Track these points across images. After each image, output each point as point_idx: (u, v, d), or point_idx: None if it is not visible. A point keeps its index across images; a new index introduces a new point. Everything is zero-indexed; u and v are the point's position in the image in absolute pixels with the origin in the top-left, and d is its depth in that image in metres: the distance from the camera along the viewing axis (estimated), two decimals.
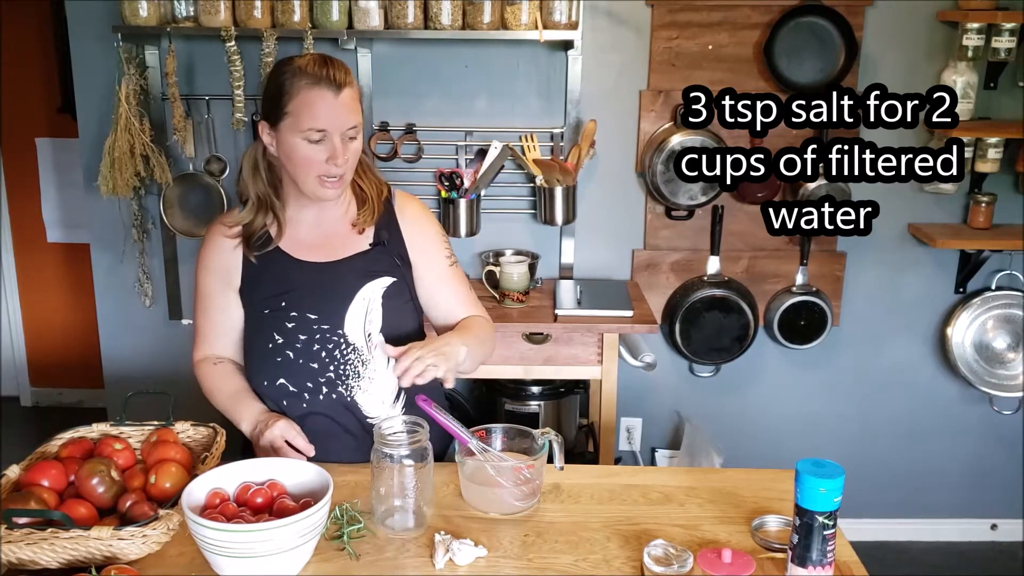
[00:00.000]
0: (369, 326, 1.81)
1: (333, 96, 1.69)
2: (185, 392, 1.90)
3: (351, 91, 1.73)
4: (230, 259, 1.84)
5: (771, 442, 3.26)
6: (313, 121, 1.69)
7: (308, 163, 1.72)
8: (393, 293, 1.84)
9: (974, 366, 3.11)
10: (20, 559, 1.39)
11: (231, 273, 1.84)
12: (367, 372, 1.81)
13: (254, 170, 1.83)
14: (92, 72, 2.93)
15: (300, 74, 1.70)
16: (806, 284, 3.07)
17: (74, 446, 1.67)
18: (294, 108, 1.70)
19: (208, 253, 1.86)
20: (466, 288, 1.96)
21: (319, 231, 1.85)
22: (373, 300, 1.82)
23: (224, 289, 1.85)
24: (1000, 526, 3.36)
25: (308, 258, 1.83)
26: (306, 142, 1.71)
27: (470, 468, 1.64)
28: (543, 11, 2.70)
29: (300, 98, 1.69)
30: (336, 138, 1.71)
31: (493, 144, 2.91)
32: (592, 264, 3.12)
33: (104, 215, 3.05)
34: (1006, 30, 2.77)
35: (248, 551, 1.35)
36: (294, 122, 1.70)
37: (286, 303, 1.80)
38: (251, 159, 1.83)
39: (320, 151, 1.71)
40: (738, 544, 1.51)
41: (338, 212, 1.86)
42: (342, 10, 2.69)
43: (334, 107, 1.70)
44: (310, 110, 1.69)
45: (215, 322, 1.87)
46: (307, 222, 1.85)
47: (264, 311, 1.81)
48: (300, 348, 1.79)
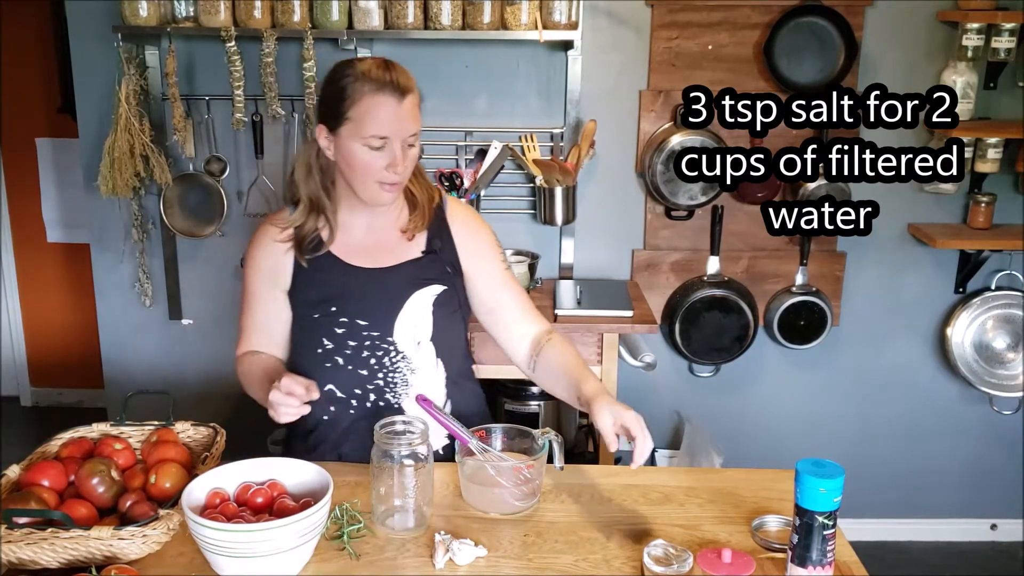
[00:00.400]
0: (419, 334, 1.79)
1: (396, 103, 1.66)
2: (185, 392, 1.90)
3: (413, 97, 1.69)
4: (280, 261, 1.81)
5: (771, 442, 3.26)
6: (376, 128, 1.66)
7: (367, 169, 1.69)
8: (443, 301, 1.81)
9: (974, 366, 3.11)
10: (20, 559, 1.39)
11: (280, 274, 1.81)
12: (415, 380, 1.80)
13: (308, 172, 1.79)
14: (92, 72, 2.93)
15: (363, 79, 1.66)
16: (806, 284, 3.07)
17: (74, 446, 1.68)
18: (356, 114, 1.66)
19: (257, 253, 1.83)
20: (524, 294, 1.91)
21: (371, 236, 1.82)
22: (423, 308, 1.79)
23: (272, 289, 1.82)
24: (1000, 526, 3.36)
25: (360, 263, 1.80)
26: (367, 148, 1.67)
27: (470, 468, 1.64)
28: (543, 11, 2.70)
29: (363, 104, 1.65)
30: (397, 145, 1.68)
31: (493, 144, 2.91)
32: (592, 264, 3.12)
33: (104, 215, 3.05)
34: (1006, 30, 2.77)
35: (248, 551, 1.35)
36: (355, 128, 1.67)
37: (336, 308, 1.78)
38: (305, 161, 1.79)
39: (380, 158, 1.68)
40: (738, 544, 1.51)
41: (390, 217, 1.84)
42: (342, 10, 2.69)
43: (397, 114, 1.66)
44: (373, 116, 1.65)
45: (259, 321, 1.85)
46: (359, 227, 1.82)
47: (314, 316, 1.79)
48: (349, 354, 1.78)
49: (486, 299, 1.87)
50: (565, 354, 1.81)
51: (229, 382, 3.15)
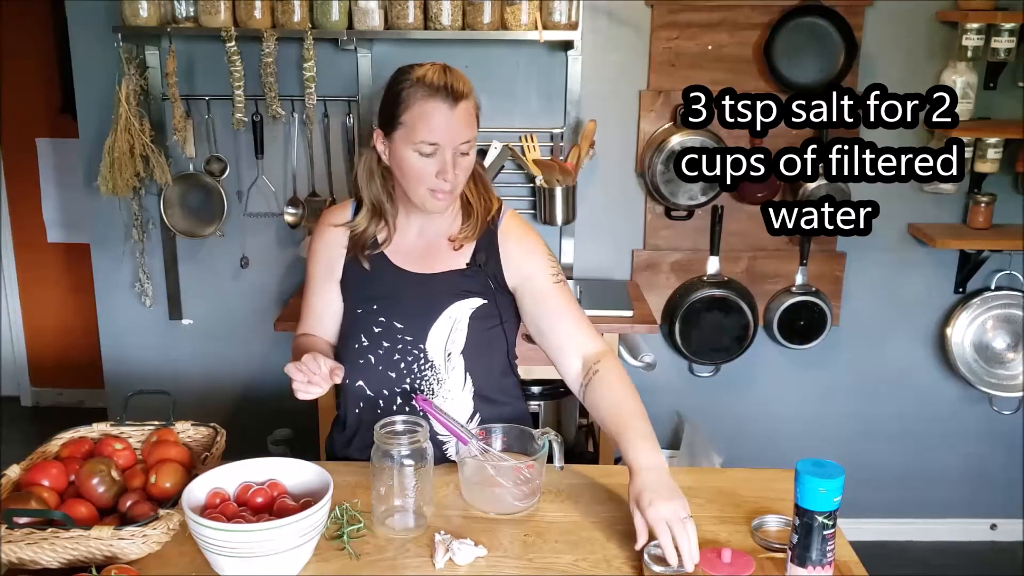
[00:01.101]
0: (451, 346, 1.78)
1: (449, 109, 1.64)
2: (185, 392, 1.90)
3: (468, 104, 1.67)
4: (335, 252, 1.83)
5: (771, 442, 3.26)
6: (427, 134, 1.64)
7: (419, 176, 1.68)
8: (482, 315, 1.79)
9: (974, 366, 3.12)
10: (20, 559, 1.39)
11: (334, 266, 1.84)
12: (441, 391, 1.78)
13: (370, 177, 1.78)
14: (92, 72, 2.93)
15: (418, 84, 1.65)
16: (806, 284, 3.07)
17: (74, 446, 1.68)
18: (409, 119, 1.65)
19: (317, 244, 1.86)
20: (576, 309, 1.81)
21: (422, 239, 1.82)
22: (460, 320, 1.78)
23: (327, 280, 1.84)
24: (1000, 526, 3.36)
25: (407, 266, 1.80)
26: (417, 154, 1.66)
27: (470, 468, 1.64)
28: (543, 11, 2.70)
29: (415, 109, 1.64)
30: (448, 153, 1.66)
31: (493, 144, 2.91)
32: (592, 264, 3.12)
33: (104, 215, 3.06)
34: (1006, 30, 2.77)
35: (248, 551, 1.35)
36: (407, 133, 1.66)
37: (377, 307, 1.79)
38: (367, 166, 1.78)
39: (431, 164, 1.66)
40: (738, 544, 1.51)
41: (444, 224, 1.82)
42: (342, 10, 2.69)
43: (449, 120, 1.64)
44: (425, 122, 1.64)
45: (313, 308, 1.88)
46: (412, 230, 1.82)
47: (357, 310, 1.81)
48: (382, 354, 1.78)
49: (537, 315, 1.80)
50: (613, 391, 1.69)
51: (229, 382, 3.17)
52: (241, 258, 3.08)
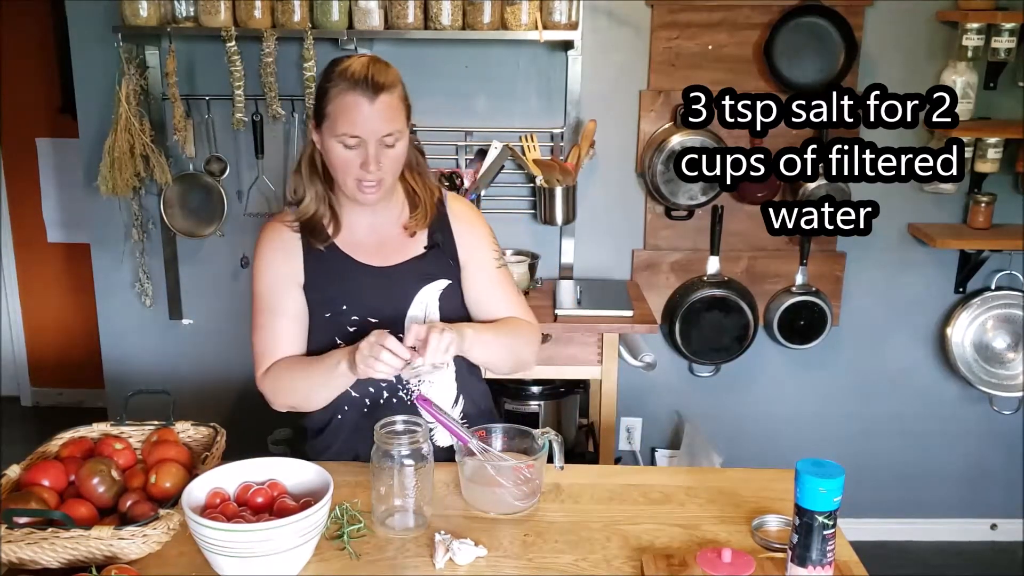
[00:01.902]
0: None
1: (368, 102, 1.66)
2: (185, 392, 1.90)
3: (389, 97, 1.69)
4: (292, 255, 1.80)
5: (771, 442, 3.26)
6: (348, 127, 1.67)
7: (345, 167, 1.71)
8: (449, 295, 1.83)
9: (974, 366, 3.11)
10: (20, 559, 1.39)
11: (294, 269, 1.80)
12: (427, 376, 1.80)
13: (312, 166, 1.80)
14: (92, 72, 2.93)
15: (340, 77, 1.68)
16: (806, 284, 3.07)
17: (74, 446, 1.68)
18: (332, 111, 1.69)
19: (268, 251, 1.81)
20: (514, 291, 1.92)
21: (375, 235, 1.84)
22: (431, 303, 1.81)
23: (288, 284, 1.80)
24: (1000, 526, 3.36)
25: (367, 261, 1.81)
26: (342, 146, 1.69)
27: (470, 468, 1.64)
28: (543, 11, 2.70)
29: (337, 102, 1.68)
30: (371, 145, 1.68)
31: (493, 144, 2.91)
32: (592, 264, 3.12)
33: (104, 215, 3.05)
34: (1006, 30, 2.77)
35: (248, 551, 1.35)
36: (331, 125, 1.70)
37: (347, 307, 1.79)
38: (309, 158, 1.81)
39: (355, 156, 1.69)
40: (738, 544, 1.51)
41: (392, 215, 1.85)
42: (342, 10, 2.69)
43: (369, 114, 1.67)
44: (346, 115, 1.67)
45: (279, 326, 1.80)
46: (362, 225, 1.83)
47: (326, 315, 1.79)
48: None
49: (477, 294, 1.88)
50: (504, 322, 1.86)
51: (229, 382, 3.17)
52: (241, 258, 3.08)
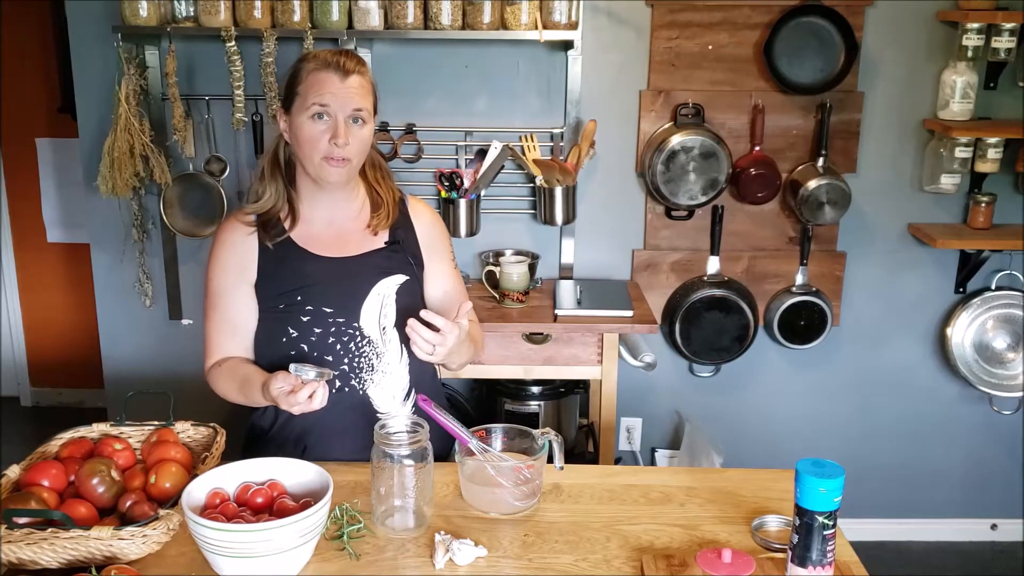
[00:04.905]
0: (384, 320, 1.83)
1: (339, 79, 1.76)
2: (185, 392, 1.90)
3: (359, 79, 1.79)
4: (246, 253, 1.84)
5: (771, 442, 3.26)
6: (317, 97, 1.75)
7: (312, 142, 1.76)
8: (406, 291, 1.87)
9: (974, 366, 3.11)
10: (20, 559, 1.39)
11: (246, 267, 1.84)
12: (380, 365, 1.84)
13: (274, 161, 1.87)
14: (92, 72, 2.93)
15: (310, 60, 1.80)
16: (806, 284, 3.07)
17: (74, 446, 1.68)
18: (303, 88, 1.78)
19: (221, 249, 1.86)
20: (464, 292, 2.01)
21: (333, 229, 1.88)
22: (388, 296, 1.84)
23: (238, 283, 1.84)
24: (1000, 526, 3.36)
25: (323, 253, 1.85)
26: (311, 120, 1.76)
27: (470, 468, 1.64)
28: (543, 11, 2.70)
29: (309, 79, 1.77)
30: (340, 117, 1.75)
31: (493, 144, 2.91)
32: (592, 264, 3.12)
33: (104, 215, 3.05)
34: (1006, 30, 2.77)
35: (248, 551, 1.35)
36: (302, 101, 1.77)
37: (301, 297, 1.81)
38: (272, 155, 1.88)
39: (324, 129, 1.76)
40: (738, 544, 1.51)
41: (351, 211, 1.89)
42: (342, 10, 2.69)
43: (339, 88, 1.76)
44: (316, 87, 1.76)
45: (227, 321, 1.85)
46: (320, 220, 1.87)
47: (280, 306, 1.82)
48: (315, 341, 1.80)
49: (438, 291, 1.95)
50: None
51: None
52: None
